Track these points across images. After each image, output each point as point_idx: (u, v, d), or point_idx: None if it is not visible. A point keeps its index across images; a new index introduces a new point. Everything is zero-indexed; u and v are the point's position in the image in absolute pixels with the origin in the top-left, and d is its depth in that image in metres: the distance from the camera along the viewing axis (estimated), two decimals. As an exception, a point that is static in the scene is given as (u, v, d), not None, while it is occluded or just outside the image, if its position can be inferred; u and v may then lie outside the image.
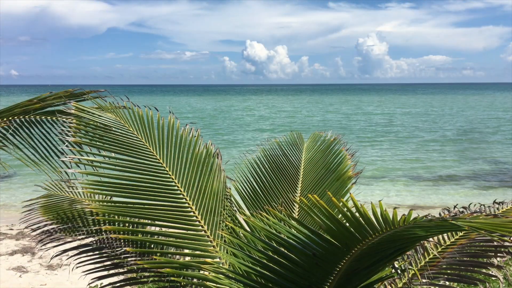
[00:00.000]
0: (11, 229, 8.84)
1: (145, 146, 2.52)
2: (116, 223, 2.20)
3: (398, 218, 1.28)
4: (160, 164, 2.46)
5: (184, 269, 2.07)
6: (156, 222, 2.27)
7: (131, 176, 2.33)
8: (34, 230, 2.69)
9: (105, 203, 2.34)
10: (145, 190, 2.31)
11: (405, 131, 27.69)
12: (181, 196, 2.39)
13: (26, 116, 2.81)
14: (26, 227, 2.70)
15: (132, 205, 2.25)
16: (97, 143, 2.36)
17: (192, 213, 2.36)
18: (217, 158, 2.74)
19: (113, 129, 2.49)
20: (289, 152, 3.49)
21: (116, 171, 2.31)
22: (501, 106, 53.55)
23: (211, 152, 2.74)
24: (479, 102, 63.48)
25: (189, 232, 2.28)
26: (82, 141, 2.30)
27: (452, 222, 1.14)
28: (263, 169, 3.20)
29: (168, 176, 2.43)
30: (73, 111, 2.44)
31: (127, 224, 2.30)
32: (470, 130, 27.55)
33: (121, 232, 2.17)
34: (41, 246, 2.60)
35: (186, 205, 2.37)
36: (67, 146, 2.25)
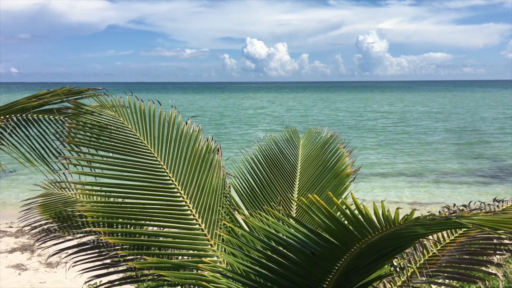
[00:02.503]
0: (11, 227, 8.84)
1: (142, 144, 2.49)
2: (108, 225, 2.18)
3: (400, 218, 1.27)
4: (157, 162, 2.43)
5: (181, 269, 2.06)
6: (151, 222, 2.25)
7: (125, 175, 2.30)
8: (33, 228, 2.68)
9: (99, 204, 2.32)
10: (140, 189, 2.29)
11: (414, 129, 27.35)
12: (178, 194, 2.36)
13: (23, 115, 2.79)
14: (25, 226, 2.69)
15: (125, 205, 2.23)
16: (92, 142, 2.34)
17: (189, 212, 2.32)
18: (217, 154, 2.70)
19: (109, 127, 2.47)
20: (285, 149, 3.47)
21: (110, 170, 2.28)
22: (507, 104, 53.02)
23: (211, 148, 2.70)
24: (486, 100, 62.76)
25: (185, 231, 2.26)
26: (76, 141, 2.28)
27: (456, 220, 1.13)
28: (260, 166, 3.18)
29: (165, 174, 2.40)
30: (69, 110, 2.41)
31: (120, 226, 2.28)
32: (476, 128, 27.40)
33: (116, 234, 2.16)
34: (40, 244, 2.59)
35: (183, 203, 2.34)
36: (63, 146, 2.23)
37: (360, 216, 1.34)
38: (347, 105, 55.21)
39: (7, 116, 2.75)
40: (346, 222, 1.40)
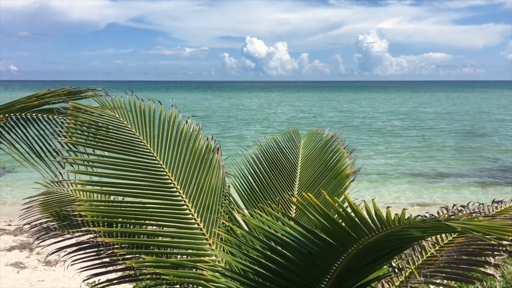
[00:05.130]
0: (9, 225, 8.85)
1: (142, 143, 2.50)
2: (107, 224, 2.19)
3: (392, 217, 1.27)
4: (156, 162, 2.44)
5: (180, 268, 2.06)
6: (150, 222, 2.25)
7: (124, 175, 2.30)
8: (32, 227, 2.69)
9: (98, 203, 2.33)
10: (139, 188, 2.29)
11: (426, 131, 26.88)
12: (177, 193, 2.36)
13: (23, 114, 2.80)
14: (25, 224, 2.70)
15: (124, 204, 2.24)
16: (91, 142, 2.35)
17: (188, 211, 2.33)
18: (217, 153, 2.71)
19: (108, 126, 2.47)
20: (286, 149, 3.47)
21: (109, 169, 2.29)
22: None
23: (211, 147, 2.70)
24: (492, 101, 61.79)
25: (184, 230, 2.26)
26: (75, 141, 2.29)
27: (446, 223, 1.14)
28: (260, 166, 3.19)
29: (164, 173, 2.41)
30: (69, 111, 2.42)
31: (118, 225, 2.29)
32: (485, 129, 27.16)
33: (115, 233, 2.16)
34: (39, 242, 2.59)
35: (182, 203, 2.34)
36: (62, 146, 2.24)
37: (355, 217, 1.34)
38: (354, 106, 53.66)
39: (6, 115, 2.76)
40: (343, 222, 1.40)
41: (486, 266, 2.32)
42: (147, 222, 2.27)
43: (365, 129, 28.28)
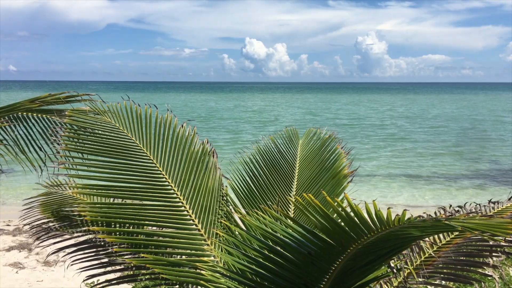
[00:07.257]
0: (8, 225, 8.84)
1: (138, 147, 2.54)
2: (106, 225, 2.20)
3: (393, 218, 1.28)
4: (153, 165, 2.48)
5: (180, 267, 2.07)
6: (148, 222, 2.27)
7: (122, 178, 2.34)
8: (32, 227, 2.69)
9: (97, 204, 2.35)
10: (137, 190, 2.32)
11: (425, 133, 26.91)
12: (174, 195, 2.40)
13: (19, 113, 2.82)
14: (25, 225, 2.71)
15: (123, 206, 2.25)
16: (89, 147, 2.39)
17: (185, 212, 2.35)
18: (213, 156, 2.75)
19: (104, 132, 2.52)
20: (283, 149, 3.47)
21: (108, 173, 2.33)
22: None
23: (207, 150, 2.74)
24: (497, 103, 61.66)
25: (182, 231, 2.28)
26: (73, 148, 2.32)
27: (446, 222, 1.14)
28: (258, 167, 3.18)
29: (161, 176, 2.44)
30: (66, 120, 2.46)
31: (117, 225, 2.30)
32: (485, 132, 27.18)
33: (114, 234, 2.17)
34: (39, 243, 2.60)
35: (180, 204, 2.38)
36: (59, 153, 2.26)
37: (355, 217, 1.35)
38: (358, 108, 52.61)
39: (6, 117, 2.77)
40: (342, 223, 1.40)
41: (485, 267, 2.32)
42: (145, 223, 2.28)
43: (371, 131, 28.11)
